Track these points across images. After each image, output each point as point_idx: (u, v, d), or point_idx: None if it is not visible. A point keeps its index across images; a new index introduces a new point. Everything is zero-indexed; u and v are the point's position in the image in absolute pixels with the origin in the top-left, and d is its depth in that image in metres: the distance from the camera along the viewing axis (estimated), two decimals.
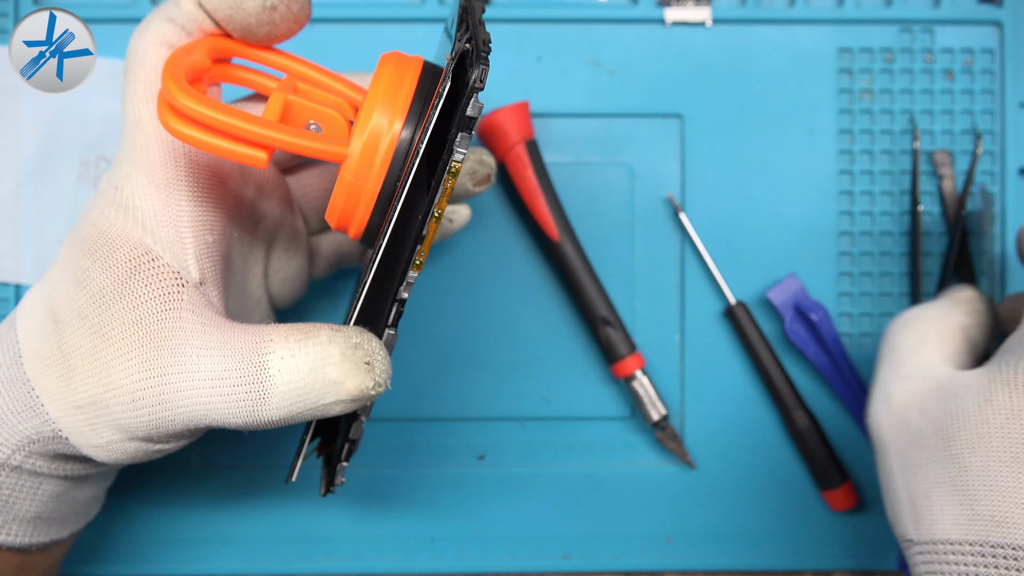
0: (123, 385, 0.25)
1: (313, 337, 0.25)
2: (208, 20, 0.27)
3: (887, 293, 0.41)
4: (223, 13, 0.26)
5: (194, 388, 0.25)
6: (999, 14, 0.41)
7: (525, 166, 0.39)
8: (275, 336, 0.25)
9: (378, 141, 0.25)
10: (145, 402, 0.25)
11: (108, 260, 0.26)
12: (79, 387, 0.26)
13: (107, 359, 0.26)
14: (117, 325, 0.26)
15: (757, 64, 0.41)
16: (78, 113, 0.39)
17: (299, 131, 0.24)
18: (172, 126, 0.23)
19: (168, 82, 0.23)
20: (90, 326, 0.26)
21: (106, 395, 0.26)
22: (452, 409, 0.41)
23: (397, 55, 0.27)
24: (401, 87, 0.26)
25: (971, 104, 0.41)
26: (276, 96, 0.25)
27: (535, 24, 0.41)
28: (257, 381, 0.25)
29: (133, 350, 0.25)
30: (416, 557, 0.40)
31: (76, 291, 0.26)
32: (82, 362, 0.26)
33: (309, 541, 0.40)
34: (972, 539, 0.27)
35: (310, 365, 0.25)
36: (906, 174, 0.41)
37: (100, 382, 0.26)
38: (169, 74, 0.24)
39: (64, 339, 0.26)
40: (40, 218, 0.39)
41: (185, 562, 0.40)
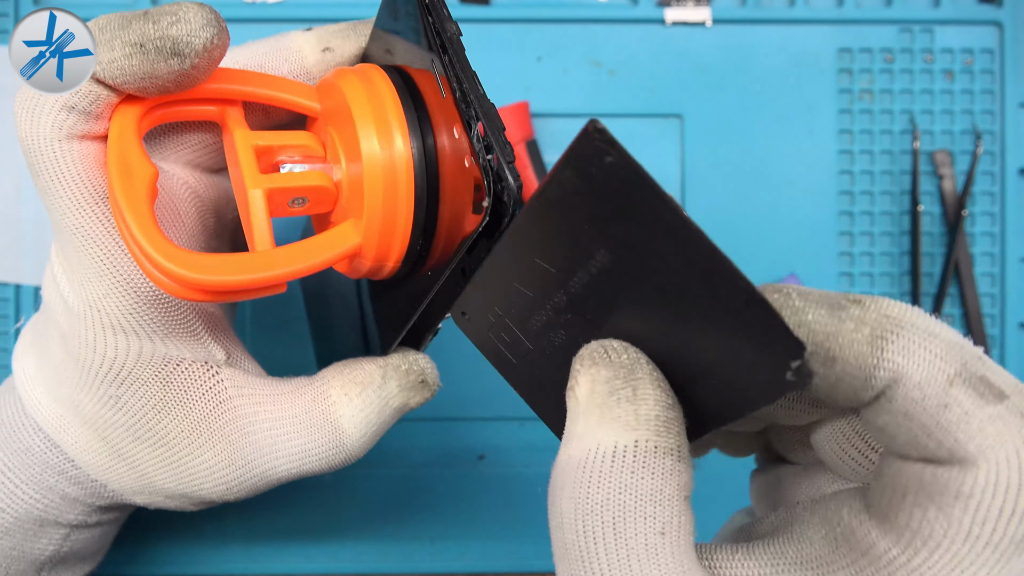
0: (209, 478, 0.27)
1: (369, 385, 0.27)
2: (114, 93, 0.23)
3: (887, 293, 0.41)
4: (135, 85, 0.23)
5: (281, 465, 0.27)
6: (999, 14, 0.41)
7: (525, 166, 0.39)
8: (334, 395, 0.27)
9: (393, 168, 0.23)
10: (237, 487, 0.28)
11: (136, 383, 0.26)
12: (158, 482, 0.28)
13: (182, 464, 0.27)
14: (177, 434, 0.27)
15: (757, 64, 0.41)
16: None
17: (308, 249, 0.23)
18: (181, 292, 0.22)
19: (149, 247, 0.21)
20: (149, 441, 0.27)
21: (192, 488, 0.28)
22: (452, 409, 0.41)
23: (352, 71, 0.25)
24: (381, 101, 0.23)
25: (971, 104, 0.41)
26: (254, 196, 0.23)
27: (535, 24, 0.41)
28: (337, 443, 0.27)
29: (206, 452, 0.27)
30: (416, 557, 0.40)
31: (117, 415, 0.27)
32: (155, 470, 0.28)
33: (309, 541, 0.40)
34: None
35: (377, 410, 0.27)
36: (906, 174, 0.41)
37: (183, 481, 0.28)
38: (143, 231, 0.21)
39: (123, 452, 0.28)
40: (40, 218, 0.39)
41: (185, 562, 0.40)
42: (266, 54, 0.26)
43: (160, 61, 0.22)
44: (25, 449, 0.28)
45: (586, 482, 0.18)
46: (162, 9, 0.22)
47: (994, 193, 0.41)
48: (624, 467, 0.18)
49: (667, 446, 0.18)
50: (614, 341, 0.19)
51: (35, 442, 0.28)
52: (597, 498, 0.18)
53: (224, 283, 0.21)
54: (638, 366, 0.19)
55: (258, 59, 0.26)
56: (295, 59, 0.26)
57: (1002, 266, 0.41)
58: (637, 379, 0.18)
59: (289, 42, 0.26)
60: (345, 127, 0.23)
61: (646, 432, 0.18)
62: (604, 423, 0.18)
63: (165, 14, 0.22)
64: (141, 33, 0.22)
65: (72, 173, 0.24)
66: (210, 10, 0.23)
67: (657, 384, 0.18)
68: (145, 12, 0.23)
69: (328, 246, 0.23)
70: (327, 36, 0.27)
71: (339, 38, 0.27)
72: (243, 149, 0.24)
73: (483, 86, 0.22)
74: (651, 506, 0.17)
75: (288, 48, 0.26)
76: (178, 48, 0.22)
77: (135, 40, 0.22)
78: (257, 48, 0.26)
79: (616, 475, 0.18)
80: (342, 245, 0.23)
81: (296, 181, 0.24)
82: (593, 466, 0.18)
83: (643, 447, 0.18)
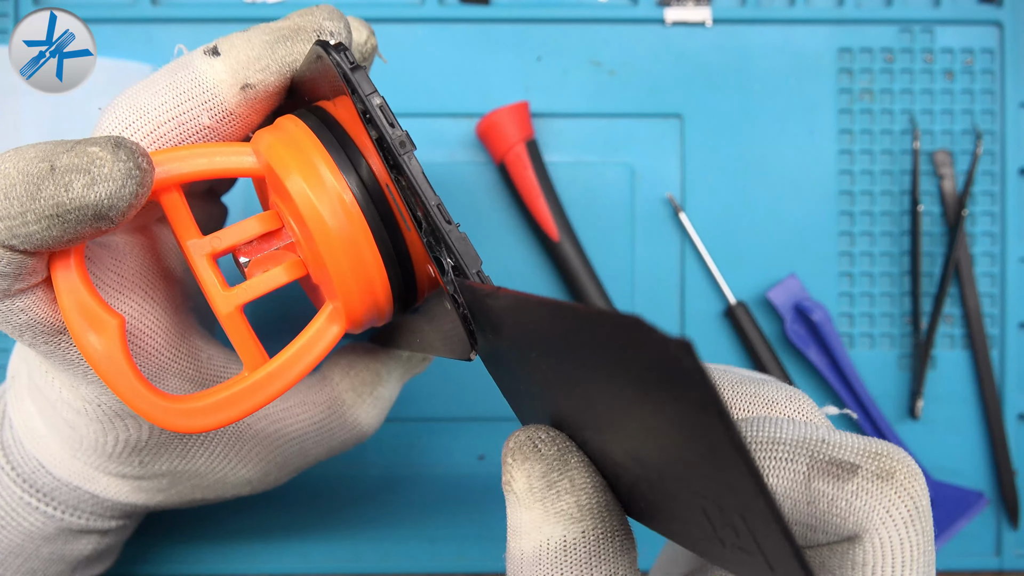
0: (245, 486, 0.30)
1: (377, 383, 0.30)
2: (38, 255, 0.20)
3: (887, 293, 0.41)
4: (60, 248, 0.20)
5: (311, 462, 0.30)
6: (999, 14, 0.41)
7: (525, 166, 0.39)
8: (348, 399, 0.29)
9: (334, 204, 0.21)
10: (272, 484, 0.31)
11: (157, 448, 0.27)
12: (197, 497, 0.30)
13: (219, 483, 0.29)
14: (209, 466, 0.28)
15: (757, 64, 0.41)
16: (78, 113, 0.39)
17: (296, 358, 0.22)
18: (189, 427, 0.22)
19: (143, 407, 0.21)
20: (184, 476, 0.28)
21: (228, 494, 0.30)
22: (452, 409, 0.41)
23: (266, 131, 0.23)
24: (300, 147, 0.21)
25: (971, 104, 0.41)
26: (229, 319, 0.22)
27: (535, 24, 0.41)
28: (359, 436, 0.30)
29: (242, 469, 0.29)
30: (416, 557, 0.40)
31: (145, 471, 0.28)
32: (193, 491, 0.29)
33: (308, 541, 0.40)
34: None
35: (387, 399, 0.31)
36: (906, 174, 0.41)
37: (220, 491, 0.30)
38: (132, 394, 0.21)
39: (160, 489, 0.29)
40: None
41: (185, 562, 0.40)
42: (179, 104, 0.22)
43: (83, 226, 0.19)
44: (51, 489, 0.28)
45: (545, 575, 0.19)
46: (72, 165, 0.19)
47: (994, 193, 0.41)
48: (578, 558, 0.18)
49: (612, 529, 0.19)
50: (540, 430, 0.19)
51: (58, 485, 0.28)
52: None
53: (223, 422, 0.22)
54: (569, 454, 0.19)
55: (170, 110, 0.22)
56: (215, 106, 0.23)
57: (1002, 266, 0.41)
58: (571, 469, 0.19)
59: (200, 80, 0.22)
60: (277, 184, 0.22)
61: (592, 521, 0.18)
62: (549, 518, 0.19)
63: (77, 173, 0.19)
64: (56, 204, 0.19)
65: (22, 323, 0.21)
66: (127, 151, 0.19)
67: (591, 472, 0.19)
68: (51, 168, 0.19)
69: (313, 346, 0.22)
70: (242, 70, 0.22)
71: (258, 71, 0.23)
72: (201, 265, 0.22)
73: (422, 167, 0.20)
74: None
75: (203, 92, 0.22)
76: (101, 213, 0.19)
77: (51, 212, 0.19)
78: (165, 94, 0.22)
79: (572, 567, 0.18)
80: (326, 338, 0.22)
81: (264, 287, 0.22)
82: (548, 560, 0.18)
83: (591, 535, 0.18)
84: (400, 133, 0.20)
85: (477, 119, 0.40)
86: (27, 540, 0.29)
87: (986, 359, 0.40)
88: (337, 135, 0.22)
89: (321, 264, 0.22)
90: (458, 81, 0.40)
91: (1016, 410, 0.41)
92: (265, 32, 0.23)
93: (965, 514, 0.38)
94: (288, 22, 0.23)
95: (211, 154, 0.22)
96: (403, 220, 0.21)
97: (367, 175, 0.21)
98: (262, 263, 0.23)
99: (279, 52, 0.22)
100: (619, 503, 0.19)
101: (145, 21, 0.40)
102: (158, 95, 0.22)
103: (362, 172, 0.21)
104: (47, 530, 0.29)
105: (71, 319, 0.21)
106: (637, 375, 0.14)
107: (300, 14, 0.23)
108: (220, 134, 0.23)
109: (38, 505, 0.29)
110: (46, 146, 0.19)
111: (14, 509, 0.28)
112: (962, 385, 0.41)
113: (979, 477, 0.41)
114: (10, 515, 0.28)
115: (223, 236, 0.22)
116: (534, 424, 0.19)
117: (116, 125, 0.22)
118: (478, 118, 0.40)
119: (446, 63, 0.40)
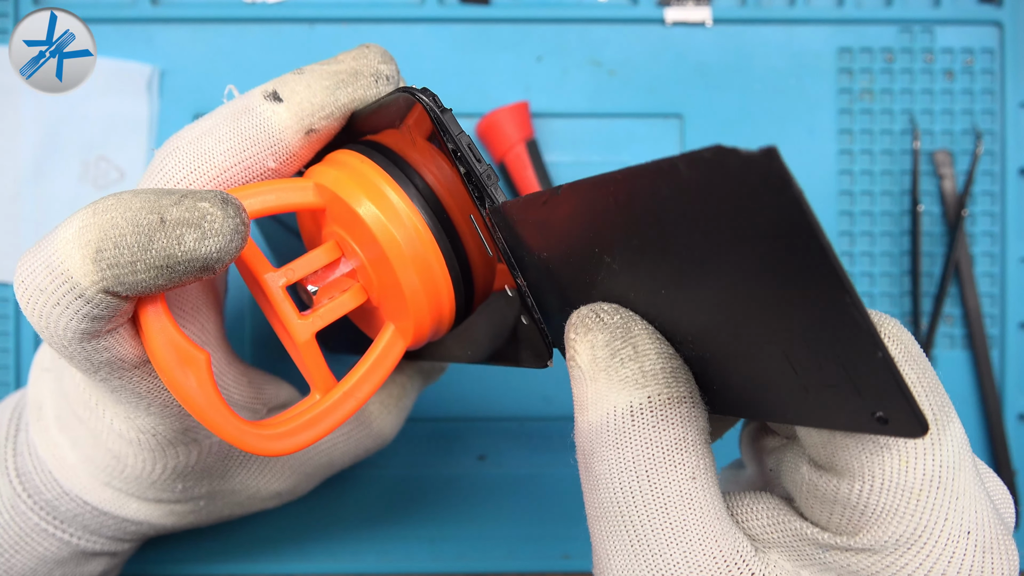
0: (277, 502, 0.31)
1: (402, 396, 0.31)
2: (129, 300, 0.21)
3: (887, 293, 0.41)
4: (154, 291, 0.21)
5: (336, 470, 0.32)
6: (999, 14, 0.41)
7: (525, 166, 0.39)
8: (374, 410, 0.31)
9: (399, 218, 0.22)
10: (300, 495, 0.32)
11: (199, 474, 0.28)
12: (226, 515, 0.31)
13: (252, 499, 0.30)
14: (244, 485, 0.30)
15: (757, 64, 0.41)
16: (78, 113, 0.39)
17: (367, 378, 0.24)
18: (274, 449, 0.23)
19: (237, 437, 0.22)
20: (222, 498, 0.30)
21: (259, 509, 0.32)
22: (452, 409, 0.41)
23: (320, 167, 0.24)
24: (359, 171, 0.23)
25: (971, 104, 0.41)
26: (306, 346, 0.23)
27: (535, 24, 0.41)
28: (381, 443, 0.32)
29: (274, 484, 0.30)
30: (416, 557, 0.40)
31: (183, 495, 0.29)
32: (225, 510, 0.31)
33: (308, 541, 0.40)
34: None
35: (408, 406, 0.32)
36: (906, 174, 0.41)
37: (251, 508, 0.31)
38: (227, 426, 0.22)
39: (195, 512, 0.30)
40: (40, 218, 0.39)
41: (186, 562, 0.40)
42: (244, 149, 0.23)
43: (189, 276, 0.20)
44: (73, 516, 0.29)
45: (613, 444, 0.19)
46: (183, 219, 0.20)
47: (994, 193, 0.41)
48: (645, 424, 0.18)
49: (679, 395, 0.19)
50: (603, 304, 0.19)
51: (84, 511, 0.29)
52: (628, 456, 0.18)
53: (302, 446, 0.23)
54: (632, 323, 0.19)
55: (236, 155, 0.23)
56: (280, 150, 0.23)
57: (1002, 266, 0.41)
58: (634, 337, 0.19)
59: (265, 127, 0.23)
60: (342, 213, 0.23)
61: (656, 386, 0.18)
62: (613, 386, 0.19)
63: (189, 228, 0.20)
64: (167, 256, 0.20)
65: (104, 360, 0.22)
66: (234, 207, 0.20)
67: (655, 338, 0.19)
68: (161, 220, 0.20)
69: (381, 365, 0.24)
70: (307, 117, 0.23)
71: (322, 118, 0.23)
72: (276, 295, 0.23)
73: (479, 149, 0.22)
74: (678, 454, 0.18)
75: (269, 137, 0.23)
76: (208, 265, 0.20)
77: (161, 263, 0.20)
78: (230, 140, 0.23)
79: (640, 432, 0.18)
80: (391, 357, 0.24)
81: (336, 313, 0.24)
82: (616, 428, 0.19)
83: (656, 401, 0.18)
84: (486, 167, 0.21)
85: (477, 119, 0.40)
86: (40, 564, 0.29)
87: (986, 359, 0.40)
88: (398, 164, 0.23)
89: (389, 286, 0.23)
90: (458, 81, 0.40)
91: (1016, 410, 0.41)
92: (324, 77, 0.23)
93: None
94: (344, 66, 0.24)
95: (277, 191, 0.23)
96: (486, 247, 0.23)
97: (430, 198, 0.23)
98: (328, 290, 0.24)
99: (341, 98, 0.23)
100: (687, 369, 0.19)
101: (145, 21, 0.40)
102: (223, 141, 0.23)
103: (425, 196, 0.23)
104: (61, 554, 0.29)
105: (162, 357, 0.21)
106: (725, 211, 0.15)
107: (354, 57, 0.24)
108: (281, 174, 0.24)
109: (54, 532, 0.29)
110: (149, 196, 0.20)
111: (28, 535, 0.29)
112: (962, 385, 0.41)
113: None
114: (24, 540, 0.29)
115: (295, 268, 0.23)
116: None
117: (179, 169, 0.23)
118: (478, 118, 0.40)
119: (446, 63, 0.40)
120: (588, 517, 0.20)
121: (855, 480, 0.18)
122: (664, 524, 0.18)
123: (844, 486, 0.18)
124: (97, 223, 0.20)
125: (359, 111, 0.24)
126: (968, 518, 0.18)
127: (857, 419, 0.16)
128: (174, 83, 0.40)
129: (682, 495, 0.18)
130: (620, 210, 0.17)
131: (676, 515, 0.18)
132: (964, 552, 0.18)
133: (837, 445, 0.18)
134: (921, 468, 0.17)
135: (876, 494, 0.17)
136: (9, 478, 0.29)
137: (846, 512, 0.18)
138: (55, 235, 0.20)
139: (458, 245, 0.23)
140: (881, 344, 0.14)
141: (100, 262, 0.20)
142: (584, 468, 0.20)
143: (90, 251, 0.20)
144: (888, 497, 0.17)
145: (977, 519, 0.18)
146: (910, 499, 0.17)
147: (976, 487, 0.18)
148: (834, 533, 0.18)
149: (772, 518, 0.20)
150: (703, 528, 0.18)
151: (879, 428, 0.16)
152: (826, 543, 0.18)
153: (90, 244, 0.20)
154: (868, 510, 0.18)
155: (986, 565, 0.18)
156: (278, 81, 0.24)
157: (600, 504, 0.19)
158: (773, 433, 0.21)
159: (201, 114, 0.40)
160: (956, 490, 0.18)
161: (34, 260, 0.20)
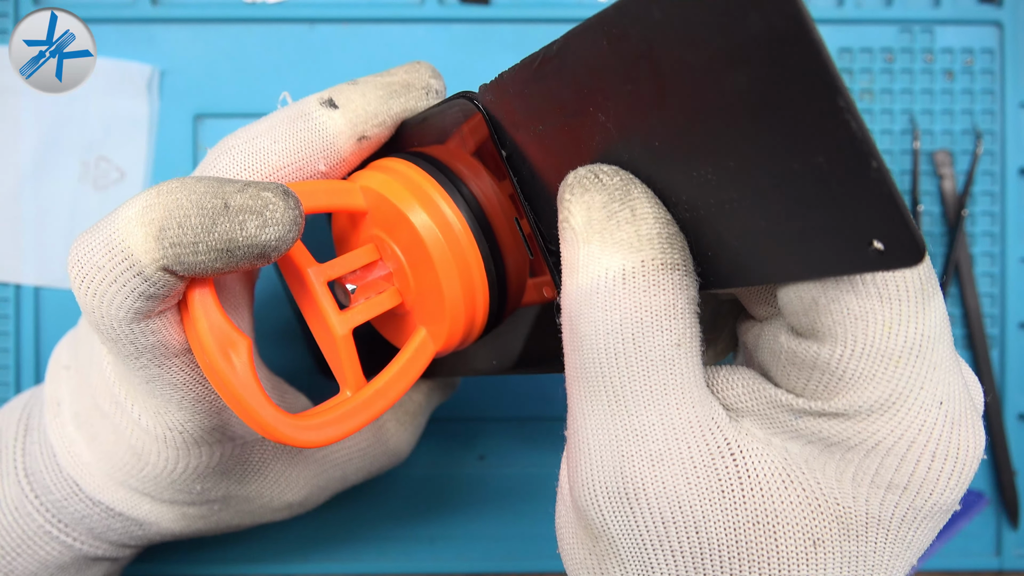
0: (290, 514, 0.32)
1: (419, 413, 0.31)
2: (183, 281, 0.22)
3: None
4: (210, 273, 0.21)
5: (351, 484, 0.33)
6: (999, 14, 0.41)
7: None
8: (391, 427, 0.31)
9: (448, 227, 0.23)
10: (312, 507, 0.33)
11: (218, 474, 0.28)
12: (238, 524, 0.31)
13: (265, 510, 0.31)
14: (259, 494, 0.30)
15: None
16: (78, 113, 0.39)
17: (397, 379, 0.24)
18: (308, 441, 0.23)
19: (272, 426, 0.22)
20: (235, 505, 0.30)
21: (272, 520, 0.32)
22: (452, 409, 0.41)
23: (367, 172, 0.25)
24: (409, 178, 0.24)
25: (971, 104, 0.41)
26: (343, 341, 0.24)
27: (535, 24, 0.41)
28: (397, 460, 0.33)
29: (288, 495, 0.30)
30: (416, 557, 0.40)
31: (199, 497, 0.29)
32: (238, 519, 0.31)
33: (309, 541, 0.40)
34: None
35: (423, 423, 0.33)
36: (906, 174, 0.41)
37: (264, 519, 0.31)
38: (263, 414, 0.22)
39: (207, 518, 0.30)
40: (40, 218, 0.39)
41: (185, 562, 0.40)
42: (298, 150, 0.24)
43: (245, 262, 0.21)
44: (80, 517, 0.29)
45: (602, 305, 0.18)
46: (246, 206, 0.20)
47: (994, 193, 0.41)
48: (636, 288, 0.18)
49: (673, 261, 0.18)
50: (603, 164, 0.19)
51: (94, 512, 0.29)
52: (615, 319, 0.18)
53: (333, 439, 0.23)
54: (632, 186, 0.19)
55: (290, 155, 0.24)
56: (332, 154, 0.25)
57: (1002, 266, 0.41)
58: (633, 200, 0.19)
59: (320, 131, 0.24)
60: (388, 217, 0.24)
61: (651, 251, 0.18)
62: (607, 248, 0.18)
63: (251, 214, 0.20)
64: (228, 239, 0.20)
65: (149, 344, 0.23)
66: (294, 200, 0.21)
67: (654, 202, 0.19)
68: (226, 206, 0.20)
69: (411, 368, 0.24)
70: (360, 124, 0.24)
71: (375, 125, 0.25)
72: (319, 289, 0.24)
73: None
74: (666, 320, 0.18)
75: (322, 141, 0.24)
76: (266, 253, 0.21)
77: (222, 247, 0.20)
78: (286, 141, 0.24)
79: (630, 296, 0.18)
80: (421, 360, 0.25)
81: (374, 311, 0.24)
82: (606, 290, 0.18)
83: (650, 265, 0.18)
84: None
85: None
86: (42, 568, 0.29)
87: (986, 359, 0.40)
88: (444, 173, 0.24)
89: (428, 291, 0.24)
90: (458, 81, 0.40)
91: (1016, 410, 0.41)
92: (378, 87, 0.25)
93: (965, 514, 0.39)
94: (397, 78, 0.25)
95: (329, 191, 0.24)
96: (528, 249, 0.23)
97: (475, 207, 0.23)
98: (365, 290, 0.25)
99: (394, 108, 0.25)
100: (683, 237, 0.19)
101: (145, 21, 0.40)
102: (279, 142, 0.24)
103: (470, 205, 0.23)
104: (63, 559, 0.29)
105: (206, 339, 0.22)
106: (716, 22, 0.14)
107: (407, 71, 0.25)
108: (329, 178, 0.25)
109: (59, 535, 0.29)
110: (213, 182, 0.21)
111: (32, 538, 0.29)
112: None
113: (979, 477, 0.41)
114: (28, 543, 0.29)
115: (336, 265, 0.24)
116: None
117: (234, 166, 0.24)
118: None
119: (446, 63, 0.40)
120: (567, 378, 0.20)
121: (836, 344, 0.18)
122: (644, 386, 0.18)
123: (825, 350, 0.18)
124: (162, 203, 0.20)
125: (406, 121, 0.25)
126: (942, 389, 0.18)
127: (852, 258, 0.16)
128: (174, 83, 0.40)
129: (665, 360, 0.18)
130: (613, 50, 0.17)
131: (657, 379, 0.18)
132: (935, 422, 0.18)
133: (821, 310, 0.18)
134: (903, 334, 0.17)
135: (856, 358, 0.18)
136: (17, 478, 0.29)
137: (824, 377, 0.18)
138: (116, 215, 0.21)
139: (498, 255, 0.24)
140: (876, 154, 0.14)
141: (163, 240, 0.20)
142: (568, 330, 0.19)
143: (153, 229, 0.20)
144: (867, 362, 0.18)
145: (950, 392, 0.18)
146: (888, 364, 0.17)
147: (953, 362, 0.18)
148: (809, 399, 0.18)
149: (747, 387, 0.20)
150: (682, 393, 0.19)
151: (875, 262, 0.16)
152: (800, 408, 0.19)
153: (154, 223, 0.20)
154: (847, 375, 0.18)
155: (953, 437, 0.18)
156: (334, 90, 0.25)
157: (582, 365, 0.19)
158: (752, 319, 0.22)
159: (201, 115, 0.40)
160: (934, 361, 0.18)
161: (92, 239, 0.21)
